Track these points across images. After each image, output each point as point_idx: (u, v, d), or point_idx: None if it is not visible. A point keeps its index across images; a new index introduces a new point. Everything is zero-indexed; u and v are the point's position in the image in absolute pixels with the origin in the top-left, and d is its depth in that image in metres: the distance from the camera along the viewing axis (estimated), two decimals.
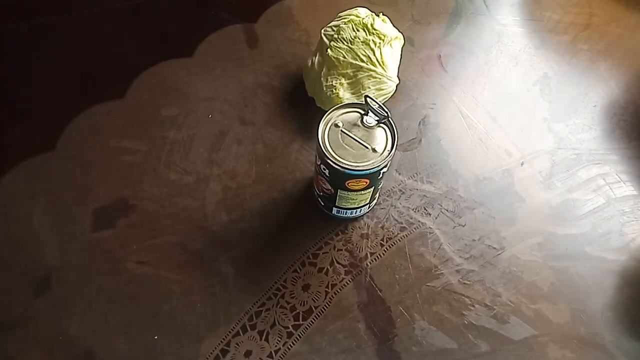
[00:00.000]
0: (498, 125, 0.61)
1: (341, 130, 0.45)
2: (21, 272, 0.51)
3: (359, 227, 0.54)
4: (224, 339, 0.48)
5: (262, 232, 0.53)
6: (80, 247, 0.52)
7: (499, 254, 0.53)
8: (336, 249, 0.53)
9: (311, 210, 0.54)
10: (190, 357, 0.47)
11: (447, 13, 0.71)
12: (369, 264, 0.52)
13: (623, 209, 0.56)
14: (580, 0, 0.73)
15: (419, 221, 0.54)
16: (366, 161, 0.43)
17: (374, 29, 0.56)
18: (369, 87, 0.56)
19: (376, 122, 0.45)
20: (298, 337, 0.48)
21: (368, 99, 0.45)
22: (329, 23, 0.59)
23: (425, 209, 0.55)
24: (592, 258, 0.53)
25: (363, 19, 0.57)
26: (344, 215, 0.52)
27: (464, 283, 0.51)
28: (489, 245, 0.53)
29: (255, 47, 0.67)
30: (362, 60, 0.56)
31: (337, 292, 0.50)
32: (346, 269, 0.52)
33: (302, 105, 0.61)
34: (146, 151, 0.58)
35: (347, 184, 0.45)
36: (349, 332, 0.48)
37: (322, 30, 0.59)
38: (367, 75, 0.56)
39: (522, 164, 0.59)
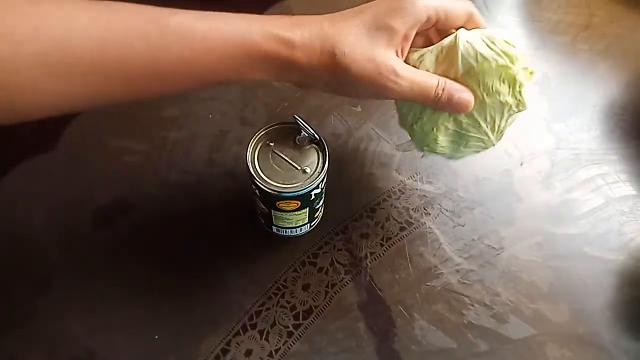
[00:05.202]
0: None
1: (272, 150, 0.44)
2: (21, 272, 0.51)
3: (359, 227, 0.54)
4: (224, 338, 0.48)
5: (262, 231, 0.53)
6: (80, 247, 0.52)
7: (498, 254, 0.53)
8: (336, 249, 0.53)
9: None
10: (191, 357, 0.47)
11: None
12: (368, 263, 0.52)
13: (622, 208, 0.56)
14: (580, 1, 0.73)
15: (418, 221, 0.55)
16: (294, 183, 0.42)
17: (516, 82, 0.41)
18: (470, 147, 0.47)
19: (308, 142, 0.44)
20: (298, 336, 0.48)
21: (296, 118, 0.44)
22: None
23: (424, 208, 0.55)
24: (591, 258, 0.53)
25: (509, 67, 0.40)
26: (284, 233, 0.51)
27: (464, 283, 0.51)
28: (489, 245, 0.53)
29: None
30: (486, 123, 0.43)
31: (337, 291, 0.51)
32: (346, 268, 0.52)
33: (302, 105, 0.61)
34: (147, 151, 0.58)
35: (278, 204, 0.45)
36: (348, 332, 0.48)
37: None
38: (477, 138, 0.45)
39: (521, 164, 0.59)
